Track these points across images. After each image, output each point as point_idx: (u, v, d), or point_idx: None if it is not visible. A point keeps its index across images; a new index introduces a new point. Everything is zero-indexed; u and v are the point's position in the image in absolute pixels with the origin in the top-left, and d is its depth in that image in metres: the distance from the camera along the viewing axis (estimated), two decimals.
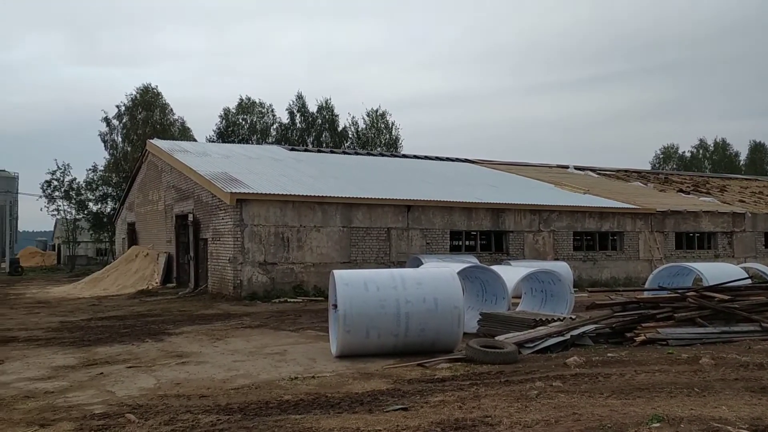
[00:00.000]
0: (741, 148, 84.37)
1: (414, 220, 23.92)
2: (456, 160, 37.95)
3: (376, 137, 61.39)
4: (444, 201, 24.74)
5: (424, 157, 37.30)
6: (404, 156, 39.02)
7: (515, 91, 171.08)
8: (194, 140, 50.60)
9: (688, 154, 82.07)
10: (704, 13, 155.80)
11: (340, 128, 61.10)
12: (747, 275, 15.20)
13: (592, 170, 41.54)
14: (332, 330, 10.92)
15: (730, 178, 48.58)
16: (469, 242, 26.19)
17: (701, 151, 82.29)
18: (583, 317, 11.89)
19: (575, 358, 9.17)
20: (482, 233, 26.16)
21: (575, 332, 10.78)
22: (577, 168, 41.35)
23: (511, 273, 14.69)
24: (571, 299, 14.05)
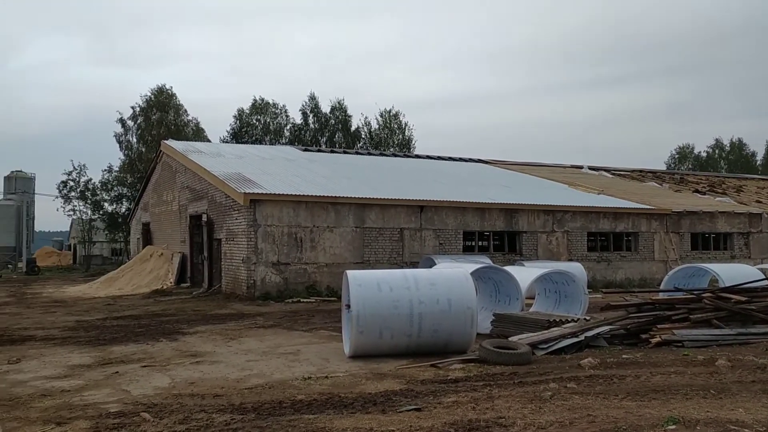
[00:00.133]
0: (758, 148, 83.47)
1: (427, 221, 23.89)
2: (469, 161, 37.86)
3: (389, 138, 61.42)
4: (457, 201, 24.69)
5: (437, 158, 37.24)
6: (417, 156, 39.00)
7: (529, 91, 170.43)
8: (208, 141, 50.90)
9: (704, 154, 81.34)
10: (719, 12, 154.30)
11: (353, 129, 61.21)
12: (764, 276, 15.02)
13: (607, 170, 41.27)
14: (345, 330, 10.93)
15: (747, 179, 48.06)
16: (482, 243, 26.12)
17: (717, 151, 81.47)
18: (598, 318, 11.81)
19: (590, 360, 9.11)
20: (495, 234, 26.07)
21: (589, 333, 10.71)
22: (592, 168, 41.10)
23: (525, 274, 14.62)
24: (585, 300, 13.96)
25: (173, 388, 8.23)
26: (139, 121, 51.91)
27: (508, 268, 14.69)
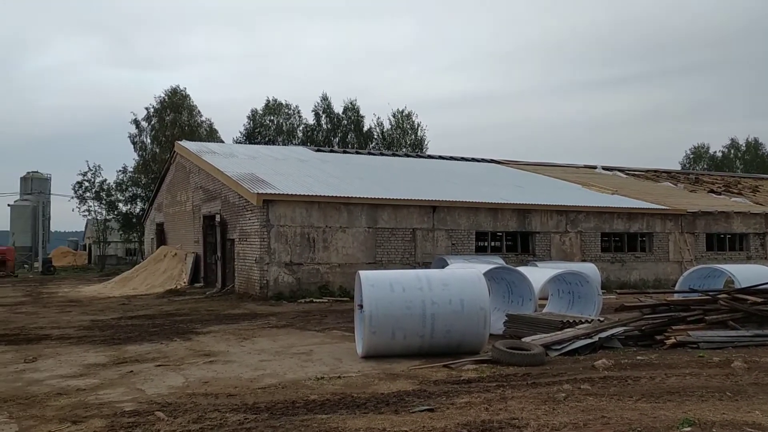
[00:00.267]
0: None
1: (439, 221, 23.86)
2: (482, 161, 37.76)
3: (402, 138, 61.36)
4: (469, 201, 24.64)
5: (450, 158, 37.16)
6: (429, 156, 38.94)
7: (542, 92, 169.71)
8: (221, 142, 51.12)
9: (719, 154, 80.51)
10: (737, 10, 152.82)
11: (366, 129, 61.22)
12: None
13: (621, 170, 41.00)
14: (358, 330, 10.94)
15: (763, 179, 47.56)
16: (495, 243, 26.04)
17: (733, 151, 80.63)
18: (612, 319, 11.74)
19: (604, 361, 9.06)
20: (508, 234, 25.98)
21: (603, 334, 10.65)
22: (605, 168, 40.85)
23: (538, 274, 14.56)
24: (599, 301, 13.88)
25: (187, 388, 8.28)
26: (153, 122, 52.24)
27: (521, 269, 14.63)
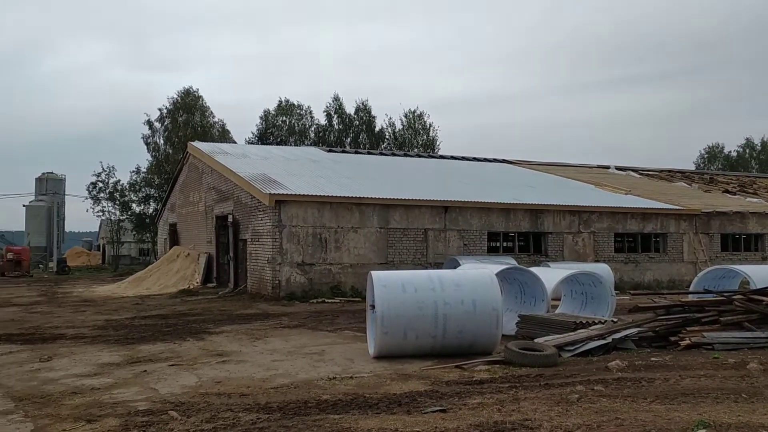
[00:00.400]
0: None
1: (451, 221, 23.82)
2: (493, 161, 37.65)
3: (413, 138, 61.33)
4: (481, 202, 24.57)
5: (461, 158, 37.08)
6: (441, 157, 38.90)
7: (555, 91, 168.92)
8: (234, 142, 51.36)
9: (734, 154, 79.67)
10: (751, 8, 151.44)
11: (377, 129, 61.24)
12: None
13: (634, 170, 40.73)
14: (370, 331, 10.94)
15: None
16: (507, 243, 25.95)
17: (748, 151, 79.83)
18: (625, 320, 11.66)
19: (617, 362, 9.00)
20: (520, 234, 25.89)
21: (617, 336, 10.58)
22: (619, 168, 40.60)
23: (551, 275, 14.49)
24: (613, 302, 13.79)
25: (200, 387, 8.32)
26: (166, 123, 52.57)
27: (534, 269, 14.58)
